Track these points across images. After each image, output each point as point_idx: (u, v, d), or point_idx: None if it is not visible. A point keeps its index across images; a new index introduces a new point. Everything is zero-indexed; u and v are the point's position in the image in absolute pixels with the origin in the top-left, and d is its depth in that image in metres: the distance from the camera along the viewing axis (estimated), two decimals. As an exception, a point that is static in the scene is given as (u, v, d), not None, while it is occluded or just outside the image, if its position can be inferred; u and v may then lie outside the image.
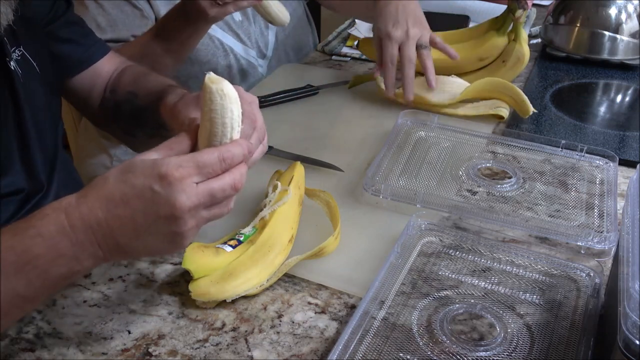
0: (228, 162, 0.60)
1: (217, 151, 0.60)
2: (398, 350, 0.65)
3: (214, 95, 0.61)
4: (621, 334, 0.51)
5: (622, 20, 1.30)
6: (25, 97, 0.80)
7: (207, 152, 0.60)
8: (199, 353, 0.66)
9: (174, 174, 0.57)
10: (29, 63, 0.82)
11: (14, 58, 0.79)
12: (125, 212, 0.57)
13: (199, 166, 0.58)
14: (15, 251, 0.56)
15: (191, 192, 0.58)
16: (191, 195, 0.58)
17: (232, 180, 0.61)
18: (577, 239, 0.80)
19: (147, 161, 0.58)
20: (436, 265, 0.77)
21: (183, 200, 0.57)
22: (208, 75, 0.62)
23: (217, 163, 0.60)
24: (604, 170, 0.95)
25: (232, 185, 0.61)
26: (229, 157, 0.60)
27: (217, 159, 0.60)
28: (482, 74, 1.19)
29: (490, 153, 1.01)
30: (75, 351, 0.66)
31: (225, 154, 0.60)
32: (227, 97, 0.61)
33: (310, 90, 1.19)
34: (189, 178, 0.58)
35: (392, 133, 1.02)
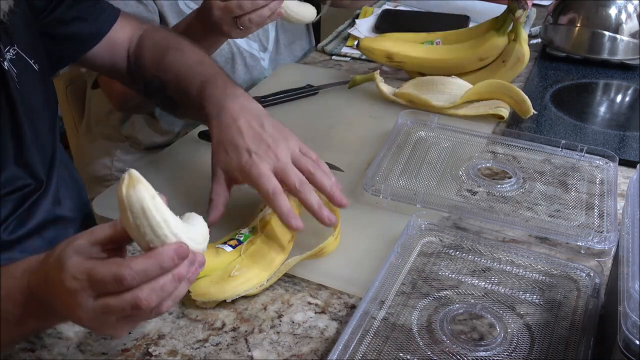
0: (127, 281, 0.53)
1: (116, 267, 0.53)
2: (398, 350, 0.65)
3: (126, 210, 0.54)
4: (621, 334, 0.51)
5: (622, 20, 1.30)
6: (20, 96, 0.79)
7: (105, 266, 0.54)
8: (199, 353, 0.66)
9: (68, 285, 0.54)
10: (24, 61, 0.81)
11: (7, 58, 0.78)
12: (51, 292, 0.57)
13: (92, 282, 0.54)
14: None
15: (86, 306, 0.54)
16: (86, 309, 0.54)
17: (133, 299, 0.53)
18: (577, 239, 0.80)
19: (66, 255, 0.55)
20: (436, 265, 0.77)
21: (79, 315, 0.55)
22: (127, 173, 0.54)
23: (111, 282, 0.53)
24: (604, 170, 0.95)
25: (134, 304, 0.53)
26: (128, 275, 0.53)
27: (112, 278, 0.53)
28: (482, 74, 1.19)
29: (490, 153, 1.01)
30: (75, 351, 0.66)
31: (124, 272, 0.53)
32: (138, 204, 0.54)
33: (310, 90, 1.19)
34: (82, 292, 0.54)
35: (392, 133, 1.02)
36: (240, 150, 0.78)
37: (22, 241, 0.80)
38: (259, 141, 0.78)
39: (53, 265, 0.56)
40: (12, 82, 0.78)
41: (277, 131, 0.81)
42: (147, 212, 0.54)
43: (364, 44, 1.24)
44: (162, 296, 0.55)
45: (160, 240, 0.54)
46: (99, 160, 1.34)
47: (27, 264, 0.60)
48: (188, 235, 0.57)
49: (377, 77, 1.16)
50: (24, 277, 0.59)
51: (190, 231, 0.58)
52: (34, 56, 0.83)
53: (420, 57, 1.21)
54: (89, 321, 0.56)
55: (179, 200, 0.89)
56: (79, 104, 1.45)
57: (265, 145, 0.78)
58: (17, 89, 0.79)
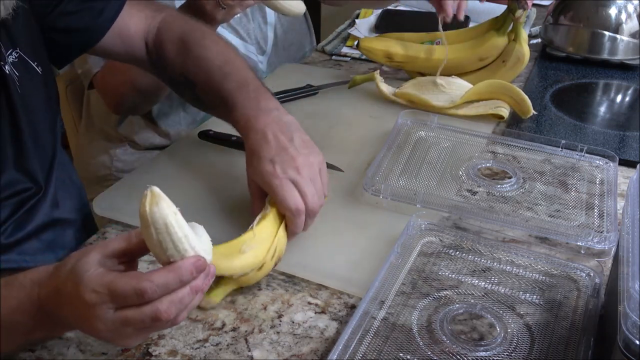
0: (148, 295, 0.54)
1: (137, 281, 0.54)
2: (398, 350, 0.65)
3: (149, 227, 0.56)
4: (621, 334, 0.51)
5: (622, 20, 1.30)
6: (21, 100, 0.79)
7: (125, 280, 0.55)
8: (199, 353, 0.66)
9: (86, 298, 0.55)
10: (26, 64, 0.81)
11: (9, 61, 0.78)
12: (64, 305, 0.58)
13: (113, 295, 0.55)
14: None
15: (106, 318, 0.55)
16: (105, 321, 0.55)
17: (153, 312, 0.55)
18: (577, 239, 0.80)
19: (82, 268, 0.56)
20: (436, 265, 0.77)
21: (98, 326, 0.56)
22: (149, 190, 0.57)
23: (132, 296, 0.54)
24: (604, 170, 0.95)
25: (154, 316, 0.55)
26: (149, 288, 0.54)
27: (133, 292, 0.54)
28: (482, 74, 1.19)
29: (490, 153, 1.01)
30: (75, 351, 0.66)
31: (145, 285, 0.54)
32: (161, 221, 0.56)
33: (310, 90, 1.19)
34: (102, 305, 0.55)
35: (392, 133, 1.02)
36: (264, 160, 0.78)
37: (20, 244, 0.80)
38: (284, 153, 0.78)
39: (67, 278, 0.57)
40: (13, 86, 0.78)
41: (304, 146, 0.80)
42: (169, 229, 0.55)
43: (364, 44, 1.24)
44: (180, 308, 0.56)
45: (180, 255, 0.56)
46: (98, 160, 1.34)
47: (36, 275, 0.60)
48: (202, 247, 0.58)
49: (377, 77, 1.16)
50: (34, 288, 0.59)
51: (202, 243, 0.59)
52: (36, 58, 0.82)
53: (420, 57, 1.21)
54: (107, 333, 0.56)
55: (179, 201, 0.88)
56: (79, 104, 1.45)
57: (289, 157, 0.78)
58: (18, 93, 0.78)
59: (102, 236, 0.83)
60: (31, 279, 0.60)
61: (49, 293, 0.58)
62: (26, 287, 0.59)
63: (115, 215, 0.86)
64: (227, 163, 0.98)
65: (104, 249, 0.58)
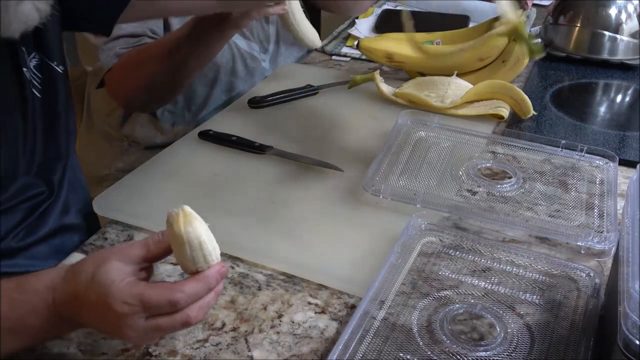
0: (181, 305, 0.57)
1: (170, 292, 0.57)
2: (398, 350, 0.65)
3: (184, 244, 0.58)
4: (621, 334, 0.51)
5: (622, 20, 1.30)
6: (40, 105, 0.79)
7: (158, 292, 0.57)
8: (199, 353, 0.66)
9: (117, 309, 0.56)
10: (48, 65, 0.80)
11: (30, 66, 0.78)
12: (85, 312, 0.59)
13: (145, 306, 0.57)
14: (9, 320, 0.60)
15: (137, 326, 0.57)
16: (139, 330, 0.58)
17: (184, 319, 0.58)
18: (577, 239, 0.80)
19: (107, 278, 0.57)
20: (436, 265, 0.77)
21: (129, 334, 0.58)
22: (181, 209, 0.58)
23: (165, 306, 0.57)
24: (604, 170, 0.95)
25: (184, 323, 0.58)
26: (181, 299, 0.57)
27: (167, 303, 0.57)
28: (482, 74, 1.19)
29: (490, 153, 1.01)
30: (75, 351, 0.66)
31: (177, 296, 0.57)
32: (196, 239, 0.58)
33: (310, 90, 1.19)
34: (134, 315, 0.57)
35: (392, 133, 1.02)
36: None
37: (30, 248, 0.80)
38: None
39: (89, 287, 0.58)
40: (33, 91, 0.78)
41: None
42: (203, 245, 0.58)
43: (364, 44, 1.24)
44: (206, 311, 0.60)
45: (208, 265, 0.59)
46: (99, 160, 1.34)
47: (49, 280, 0.61)
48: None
49: (377, 77, 1.16)
50: (49, 293, 0.60)
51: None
52: (56, 57, 0.82)
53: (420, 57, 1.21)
54: (137, 338, 0.59)
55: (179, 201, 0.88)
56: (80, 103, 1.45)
57: None
58: (37, 97, 0.78)
59: (102, 236, 0.83)
60: (45, 284, 0.61)
61: (66, 299, 0.59)
62: (40, 292, 0.60)
63: (116, 215, 0.86)
64: (227, 163, 0.98)
65: (123, 257, 0.59)
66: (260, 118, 1.12)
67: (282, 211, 0.87)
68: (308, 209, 0.88)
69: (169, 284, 0.58)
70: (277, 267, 0.78)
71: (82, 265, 0.60)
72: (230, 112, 1.16)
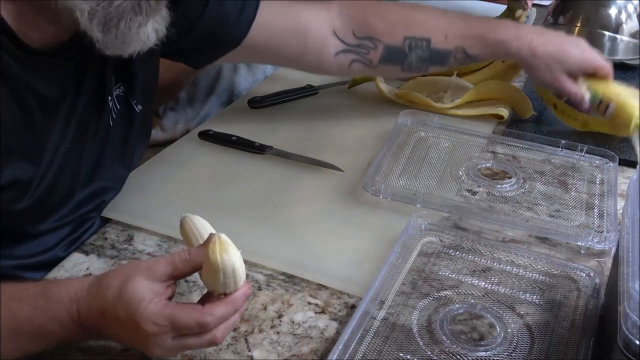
0: (210, 327, 0.59)
1: (200, 315, 0.58)
2: (398, 350, 0.65)
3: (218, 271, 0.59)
4: (621, 334, 0.51)
5: (622, 20, 1.30)
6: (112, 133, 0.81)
7: (188, 314, 0.58)
8: (199, 353, 0.66)
9: (147, 329, 0.58)
10: (127, 100, 0.82)
11: (114, 95, 0.80)
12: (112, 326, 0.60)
13: (175, 327, 0.58)
14: (32, 324, 0.61)
15: (165, 345, 0.59)
16: (165, 347, 0.59)
17: (211, 339, 0.60)
18: (577, 239, 0.80)
19: (137, 295, 0.58)
20: (436, 265, 0.77)
21: (156, 351, 0.59)
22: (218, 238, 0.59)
23: (195, 328, 0.59)
24: (604, 170, 0.95)
25: (211, 342, 0.60)
26: (211, 321, 0.58)
27: (196, 325, 0.58)
28: (482, 74, 1.19)
29: (490, 153, 1.01)
30: (75, 351, 0.66)
31: (207, 319, 0.58)
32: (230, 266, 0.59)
33: (310, 90, 1.19)
34: (163, 335, 0.58)
35: (392, 133, 1.02)
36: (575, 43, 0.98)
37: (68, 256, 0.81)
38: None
39: (117, 304, 0.58)
40: (109, 117, 0.80)
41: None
42: (236, 272, 0.59)
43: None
44: (230, 330, 0.63)
45: (236, 288, 0.60)
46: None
47: (72, 291, 0.61)
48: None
49: (377, 77, 1.16)
50: (72, 305, 0.61)
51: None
52: (136, 96, 0.83)
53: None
54: (162, 354, 0.60)
55: (179, 200, 0.89)
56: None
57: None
58: (110, 126, 0.80)
59: (102, 236, 0.83)
60: (68, 294, 0.61)
61: (91, 312, 0.60)
62: (64, 302, 0.61)
63: (116, 216, 0.86)
64: (227, 163, 0.98)
65: (151, 275, 0.59)
66: (260, 118, 1.12)
67: (282, 211, 0.87)
68: (308, 209, 0.88)
69: (198, 306, 0.59)
70: (277, 267, 0.78)
71: (108, 280, 0.60)
72: (230, 112, 1.16)
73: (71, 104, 0.75)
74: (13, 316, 0.60)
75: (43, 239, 0.78)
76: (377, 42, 0.97)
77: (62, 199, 0.78)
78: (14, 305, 0.61)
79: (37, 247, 0.78)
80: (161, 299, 0.59)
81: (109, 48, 0.67)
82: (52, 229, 0.79)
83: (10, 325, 0.60)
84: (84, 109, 0.76)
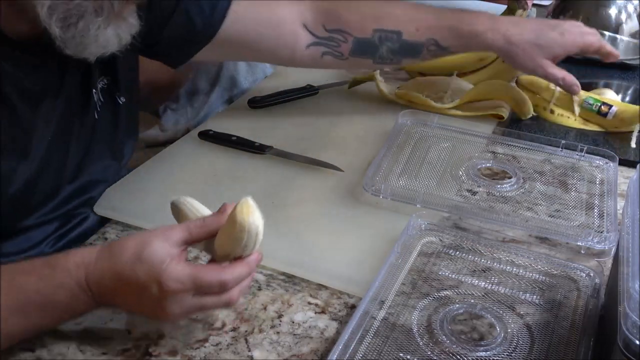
0: (229, 286, 0.62)
1: (221, 274, 0.61)
2: (398, 350, 0.65)
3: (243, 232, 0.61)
4: (621, 334, 0.51)
5: (622, 20, 1.30)
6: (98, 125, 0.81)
7: (210, 273, 0.61)
8: (199, 353, 0.66)
9: (170, 286, 0.60)
10: (111, 93, 0.83)
11: (99, 87, 0.80)
12: (126, 293, 0.62)
13: (197, 286, 0.61)
14: (40, 295, 0.62)
15: (184, 304, 0.61)
16: (183, 307, 0.62)
17: (228, 299, 0.63)
18: (577, 239, 0.80)
19: (158, 256, 0.60)
20: (436, 265, 0.77)
21: (173, 310, 0.61)
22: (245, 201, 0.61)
23: (216, 286, 0.61)
24: (604, 170, 0.95)
25: (227, 303, 0.63)
26: (230, 280, 0.62)
27: (218, 283, 0.61)
28: (482, 74, 1.19)
29: (490, 153, 1.01)
30: (75, 351, 0.66)
31: (227, 277, 0.61)
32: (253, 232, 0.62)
33: (310, 90, 1.19)
34: (184, 293, 0.61)
35: (392, 133, 1.02)
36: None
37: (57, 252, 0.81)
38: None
39: (135, 266, 0.60)
40: (94, 111, 0.80)
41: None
42: (258, 235, 0.62)
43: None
44: (244, 294, 0.67)
45: (254, 251, 0.63)
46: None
47: (80, 258, 0.63)
48: None
49: (377, 77, 1.16)
50: (79, 271, 0.62)
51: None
52: (119, 89, 0.84)
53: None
54: (179, 315, 0.63)
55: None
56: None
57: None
58: (95, 118, 0.81)
59: (102, 236, 0.83)
60: (75, 262, 0.62)
61: (102, 277, 0.61)
62: (70, 269, 0.62)
63: (116, 216, 0.86)
64: (227, 163, 0.98)
65: (167, 239, 0.62)
66: (260, 118, 1.12)
67: (282, 211, 0.87)
68: (308, 209, 0.88)
69: (219, 266, 0.62)
70: (277, 267, 0.78)
71: (121, 245, 0.62)
72: (230, 112, 1.16)
73: (55, 98, 0.75)
74: (21, 289, 0.61)
75: (28, 235, 0.78)
76: (347, 35, 0.97)
77: (48, 193, 0.78)
78: (21, 279, 0.62)
79: (23, 244, 0.78)
80: (180, 260, 0.61)
81: (68, 47, 0.67)
82: (38, 224, 0.79)
83: (19, 298, 0.61)
84: (68, 103, 0.76)
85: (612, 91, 1.18)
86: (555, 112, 1.10)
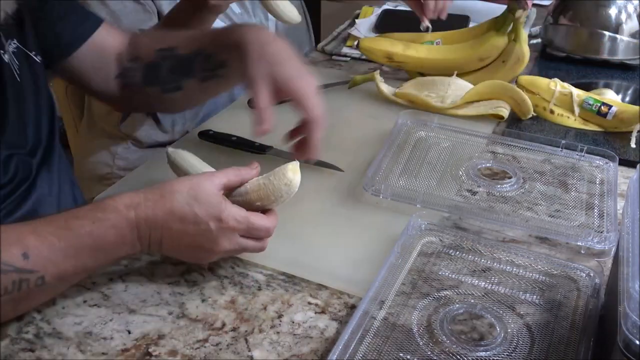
0: (270, 233, 0.72)
1: (270, 223, 0.72)
2: (398, 350, 0.65)
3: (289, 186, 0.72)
4: (621, 334, 0.51)
5: (622, 20, 1.30)
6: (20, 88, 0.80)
7: (262, 219, 0.71)
8: (199, 353, 0.66)
9: (229, 223, 0.69)
10: (25, 54, 0.83)
11: (9, 50, 0.80)
12: (179, 228, 0.68)
13: (250, 228, 0.70)
14: (92, 236, 0.66)
15: (233, 241, 0.70)
16: (232, 243, 0.70)
17: (262, 246, 0.74)
18: (577, 239, 0.80)
19: (214, 197, 0.69)
20: (436, 265, 0.77)
21: (224, 245, 0.70)
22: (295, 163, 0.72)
23: (264, 232, 0.72)
24: (604, 170, 0.95)
25: (262, 248, 0.74)
26: (271, 229, 0.72)
27: (264, 229, 0.71)
28: (482, 74, 1.19)
29: (490, 153, 1.01)
30: (75, 351, 0.66)
31: (271, 225, 0.72)
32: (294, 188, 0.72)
33: (310, 90, 1.19)
34: (238, 231, 0.70)
35: (392, 133, 1.02)
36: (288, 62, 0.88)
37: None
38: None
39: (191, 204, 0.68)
40: (12, 74, 0.80)
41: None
42: (291, 195, 0.73)
43: (364, 44, 1.24)
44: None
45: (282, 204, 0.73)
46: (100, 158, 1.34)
47: (129, 199, 0.68)
48: None
49: (377, 77, 1.17)
50: (129, 211, 0.67)
51: None
52: (34, 48, 0.84)
53: (420, 57, 1.21)
54: (224, 250, 0.70)
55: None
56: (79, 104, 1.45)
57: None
58: (17, 81, 0.80)
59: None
60: (123, 203, 0.67)
61: (155, 215, 0.67)
62: (121, 210, 0.67)
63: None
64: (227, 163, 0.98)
65: (214, 183, 0.70)
66: (260, 118, 1.12)
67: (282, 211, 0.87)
68: (308, 209, 0.88)
69: (264, 216, 0.72)
70: (277, 267, 0.78)
71: (173, 186, 0.69)
72: (230, 112, 1.16)
73: None
74: (74, 232, 0.65)
75: None
76: (139, 63, 0.94)
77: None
78: (74, 223, 0.66)
79: None
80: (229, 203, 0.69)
81: None
82: None
83: (73, 242, 0.65)
84: None
85: (612, 91, 1.18)
86: (555, 112, 1.10)
